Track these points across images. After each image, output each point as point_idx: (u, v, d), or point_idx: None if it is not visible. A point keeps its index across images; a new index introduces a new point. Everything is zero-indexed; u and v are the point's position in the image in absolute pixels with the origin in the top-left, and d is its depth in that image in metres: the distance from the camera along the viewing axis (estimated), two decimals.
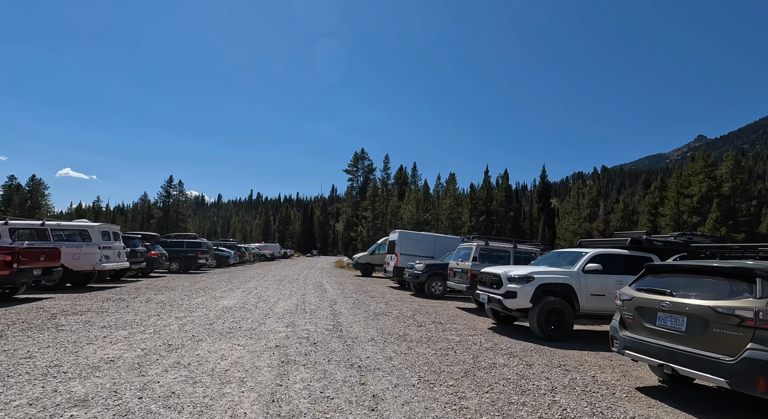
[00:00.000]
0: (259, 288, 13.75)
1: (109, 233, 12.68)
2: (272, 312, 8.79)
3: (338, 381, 4.32)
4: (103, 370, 4.31)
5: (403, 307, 10.62)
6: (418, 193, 48.77)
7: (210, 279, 16.36)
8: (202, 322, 7.23)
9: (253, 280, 16.78)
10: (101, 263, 11.78)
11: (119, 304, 8.90)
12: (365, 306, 10.38)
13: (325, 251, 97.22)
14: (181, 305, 9.16)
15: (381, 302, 11.55)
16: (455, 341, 6.69)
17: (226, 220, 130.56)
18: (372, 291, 14.41)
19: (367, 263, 24.58)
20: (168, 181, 70.78)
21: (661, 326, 4.17)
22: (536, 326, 7.17)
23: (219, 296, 11.04)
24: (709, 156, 43.04)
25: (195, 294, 11.20)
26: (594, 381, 4.84)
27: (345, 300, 11.56)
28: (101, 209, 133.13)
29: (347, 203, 66.01)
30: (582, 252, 7.97)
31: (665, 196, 46.21)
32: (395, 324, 7.96)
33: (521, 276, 7.41)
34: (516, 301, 7.34)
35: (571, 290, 7.36)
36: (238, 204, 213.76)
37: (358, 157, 64.87)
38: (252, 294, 11.74)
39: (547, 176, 65.99)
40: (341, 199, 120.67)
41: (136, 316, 7.54)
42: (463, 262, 11.08)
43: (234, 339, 6.03)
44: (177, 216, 70.80)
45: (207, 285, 14.03)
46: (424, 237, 17.60)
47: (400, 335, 6.93)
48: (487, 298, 7.98)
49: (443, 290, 13.70)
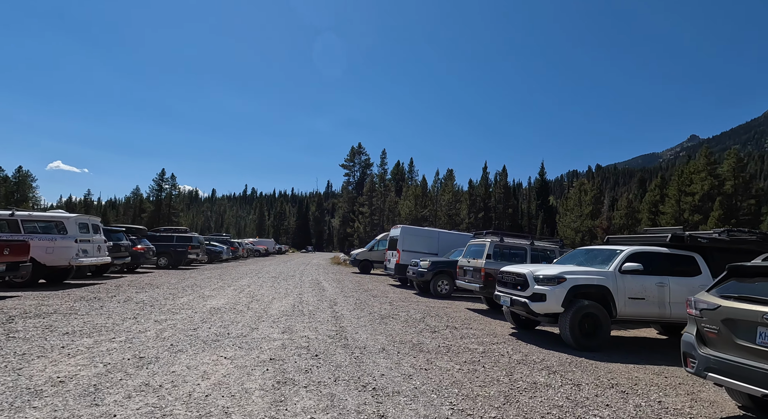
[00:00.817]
0: (252, 285, 12.78)
1: (87, 225, 11.62)
2: (266, 314, 7.84)
3: (350, 412, 3.38)
4: (45, 397, 3.33)
5: (410, 308, 9.71)
6: (417, 189, 47.85)
7: (200, 276, 15.35)
8: (184, 327, 6.26)
9: (246, 277, 15.80)
10: (78, 258, 10.74)
11: (92, 305, 7.89)
12: (369, 307, 9.45)
13: (320, 247, 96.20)
14: (164, 305, 8.17)
15: (385, 302, 10.62)
16: (479, 352, 5.78)
17: (220, 215, 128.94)
18: (373, 290, 13.49)
19: (366, 260, 23.63)
20: (160, 174, 69.11)
21: (765, 345, 3.27)
22: (569, 334, 6.27)
23: (208, 295, 10.06)
24: (712, 154, 42.44)
25: (181, 293, 10.20)
26: (664, 408, 3.94)
27: (346, 300, 10.62)
28: (92, 203, 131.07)
29: (343, 198, 64.99)
30: (616, 250, 7.08)
31: (666, 194, 45.70)
32: (406, 330, 7.04)
33: (551, 276, 6.51)
34: (545, 305, 6.43)
35: (608, 293, 6.47)
36: (232, 199, 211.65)
37: (354, 151, 63.80)
38: (244, 293, 10.77)
39: (546, 173, 65.39)
40: (337, 195, 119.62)
41: (108, 320, 6.54)
42: (476, 260, 10.17)
43: (220, 350, 5.07)
44: (169, 210, 69.23)
45: (196, 282, 13.03)
46: (428, 233, 16.67)
47: (415, 344, 6.01)
48: (509, 301, 7.07)
49: (450, 289, 12.80)
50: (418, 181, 57.25)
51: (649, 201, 48.80)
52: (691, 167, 42.69)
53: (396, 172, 66.32)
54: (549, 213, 62.54)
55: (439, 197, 47.69)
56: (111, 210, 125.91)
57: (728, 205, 40.00)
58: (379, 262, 23.57)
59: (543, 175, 65.11)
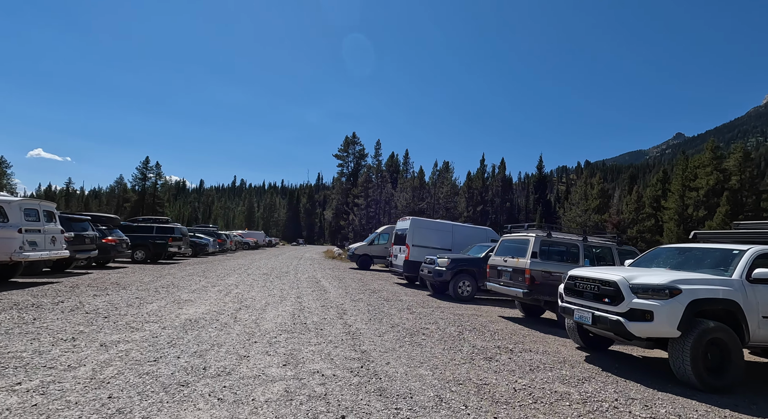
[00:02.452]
0: (240, 285, 10.81)
1: (38, 212, 9.50)
2: (259, 329, 5.91)
3: None
4: None
5: (436, 318, 7.86)
6: (414, 180, 45.96)
7: (180, 273, 13.31)
8: (141, 356, 4.31)
9: (234, 274, 13.81)
10: (23, 252, 8.65)
11: (23, 316, 5.86)
12: (387, 317, 7.57)
13: (311, 240, 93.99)
14: (123, 317, 6.19)
15: (402, 308, 8.77)
16: (576, 399, 3.94)
17: (208, 206, 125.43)
18: (381, 291, 11.61)
19: (365, 254, 21.73)
20: (144, 162, 65.94)
21: None
22: (689, 369, 4.47)
23: (185, 299, 8.07)
24: (719, 147, 41.22)
25: (152, 296, 8.20)
26: None
27: (355, 305, 8.73)
28: (74, 192, 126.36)
29: (337, 190, 62.80)
30: (732, 250, 5.29)
31: (668, 189, 44.52)
32: (451, 357, 5.17)
33: (658, 285, 4.69)
34: (651, 326, 4.61)
35: (738, 309, 4.68)
36: (221, 190, 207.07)
37: (349, 141, 61.50)
38: (231, 296, 8.80)
39: (544, 166, 63.89)
40: (328, 188, 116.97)
41: (31, 343, 4.56)
42: (515, 259, 8.33)
43: (189, 409, 3.16)
44: (154, 200, 66.27)
45: (173, 280, 11.01)
46: (441, 227, 14.80)
47: (478, 385, 4.15)
48: (589, 317, 5.23)
49: (472, 291, 11.00)
50: (414, 173, 55.29)
51: (650, 196, 47.61)
52: (696, 161, 41.47)
53: (390, 164, 64.20)
54: (547, 208, 61.18)
55: (437, 189, 45.83)
56: (94, 200, 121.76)
57: (734, 200, 38.94)
58: (379, 258, 21.72)
59: (541, 169, 63.47)
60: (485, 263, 10.49)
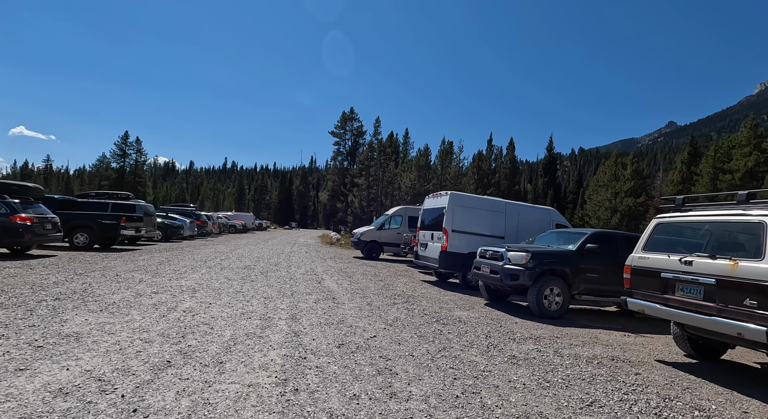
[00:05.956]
0: (200, 291, 6.77)
1: None
2: None
3: None
4: None
5: (547, 372, 3.91)
6: (420, 159, 41.76)
7: (122, 266, 9.21)
8: None
9: (202, 268, 9.76)
10: None
11: None
12: (474, 375, 3.60)
13: (304, 223, 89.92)
14: None
15: (483, 348, 4.81)
16: None
17: (197, 187, 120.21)
18: (416, 298, 7.61)
19: (373, 241, 17.76)
20: (123, 137, 60.70)
21: None
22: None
23: (65, 333, 4.02)
24: (758, 125, 37.39)
25: (32, 317, 4.12)
26: None
27: (394, 334, 4.73)
28: (55, 171, 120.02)
29: (333, 170, 58.46)
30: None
31: (695, 172, 40.85)
32: None
33: None
34: None
35: None
36: (211, 172, 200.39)
37: (346, 117, 56.88)
38: (169, 320, 4.76)
39: (554, 148, 59.82)
40: (322, 170, 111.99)
41: None
42: (730, 260, 4.33)
43: None
44: (134, 178, 61.45)
45: (91, 282, 6.91)
46: (492, 205, 10.60)
47: None
48: None
49: (563, 303, 7.00)
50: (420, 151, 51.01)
51: (672, 180, 43.97)
52: (732, 141, 37.74)
53: (389, 144, 59.78)
54: (557, 191, 57.52)
55: (445, 169, 41.68)
56: (76, 179, 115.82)
57: None
58: (391, 245, 17.76)
59: (551, 150, 59.28)
60: (582, 260, 6.59)
